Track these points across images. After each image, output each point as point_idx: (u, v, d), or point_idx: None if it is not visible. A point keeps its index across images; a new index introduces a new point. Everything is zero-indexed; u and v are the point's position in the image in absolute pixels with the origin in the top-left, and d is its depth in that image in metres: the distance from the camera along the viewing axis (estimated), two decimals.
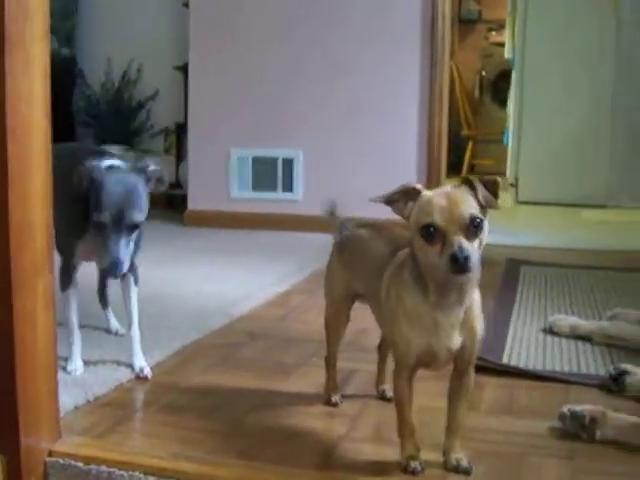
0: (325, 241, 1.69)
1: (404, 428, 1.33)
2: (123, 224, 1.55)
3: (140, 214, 1.56)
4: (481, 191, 1.18)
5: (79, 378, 1.73)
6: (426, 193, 1.22)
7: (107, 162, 1.63)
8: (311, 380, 1.79)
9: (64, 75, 5.13)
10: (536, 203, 5.90)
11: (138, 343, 1.80)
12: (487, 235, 1.19)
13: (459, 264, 1.12)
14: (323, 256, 1.63)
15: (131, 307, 1.82)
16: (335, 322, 1.62)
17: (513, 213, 5.67)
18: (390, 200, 1.24)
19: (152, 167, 1.60)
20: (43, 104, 1.35)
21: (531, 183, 6.02)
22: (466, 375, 1.32)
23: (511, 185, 6.39)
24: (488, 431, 1.52)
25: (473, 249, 1.14)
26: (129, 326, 1.82)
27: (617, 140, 5.79)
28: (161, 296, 2.46)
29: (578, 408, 1.50)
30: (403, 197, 1.24)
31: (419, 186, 1.24)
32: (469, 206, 1.16)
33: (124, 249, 1.55)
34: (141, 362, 1.78)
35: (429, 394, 1.60)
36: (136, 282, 1.82)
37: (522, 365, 1.91)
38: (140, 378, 1.74)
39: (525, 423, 1.56)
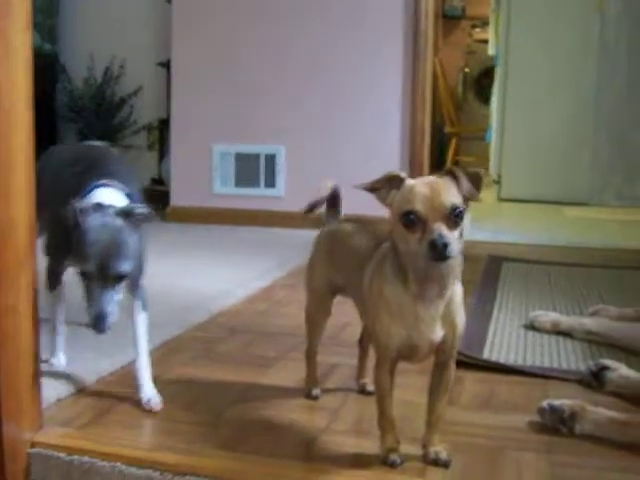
0: (307, 237, 1.69)
1: (384, 421, 1.34)
2: (108, 275, 1.41)
3: (126, 264, 1.43)
4: (464, 182, 1.19)
5: (62, 371, 1.73)
6: (409, 181, 1.23)
7: (96, 198, 1.49)
8: (291, 373, 1.80)
9: (46, 71, 5.10)
10: (519, 200, 5.93)
11: (147, 373, 1.62)
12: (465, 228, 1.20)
13: (438, 250, 1.13)
14: (305, 252, 1.63)
15: (138, 335, 1.63)
16: (316, 315, 1.62)
17: (496, 210, 5.70)
18: (373, 187, 1.25)
19: (139, 210, 1.47)
20: (25, 98, 1.34)
21: (514, 180, 6.05)
22: (446, 369, 1.33)
23: (494, 182, 6.42)
24: (467, 425, 1.52)
25: (453, 237, 1.15)
26: (138, 354, 1.63)
27: (600, 138, 5.82)
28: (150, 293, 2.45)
29: (557, 402, 1.52)
30: (387, 184, 1.24)
31: (403, 174, 1.24)
32: (451, 195, 1.17)
33: (109, 302, 1.41)
34: (149, 392, 1.59)
35: (411, 388, 1.61)
36: (144, 307, 1.65)
37: (502, 360, 1.92)
38: (149, 410, 1.57)
39: (504, 417, 1.57)
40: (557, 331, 2.20)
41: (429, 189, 1.18)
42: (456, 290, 1.26)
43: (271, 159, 4.35)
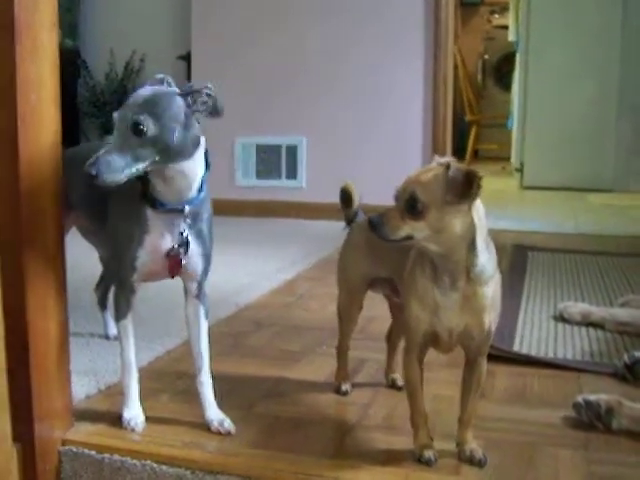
0: (329, 228, 1.67)
1: (417, 416, 1.32)
2: (125, 123, 1.24)
3: (147, 119, 1.22)
4: (451, 178, 1.16)
5: (90, 368, 1.71)
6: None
7: None
8: (319, 368, 1.78)
9: (68, 66, 5.10)
10: (542, 188, 5.87)
11: (210, 391, 1.48)
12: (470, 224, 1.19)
13: (370, 225, 1.20)
14: (327, 243, 1.62)
15: (201, 346, 1.47)
16: (349, 311, 1.60)
17: (518, 198, 5.65)
18: None
19: (196, 87, 1.30)
20: (52, 94, 1.35)
21: (536, 168, 5.99)
22: (476, 366, 1.32)
23: (516, 170, 6.36)
24: (501, 420, 1.50)
25: (392, 221, 1.18)
26: (198, 370, 1.48)
27: (623, 123, 5.75)
28: (168, 287, 2.45)
29: (593, 397, 1.49)
30: None
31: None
32: (420, 186, 1.17)
33: (115, 151, 1.23)
34: (218, 414, 1.45)
35: (441, 382, 1.60)
36: (207, 314, 1.49)
37: (534, 353, 1.90)
38: (221, 434, 1.43)
39: (538, 412, 1.54)
40: (587, 322, 2.16)
41: (410, 175, 1.21)
42: (485, 289, 1.24)
43: (292, 150, 4.33)
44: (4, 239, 1.28)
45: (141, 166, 1.25)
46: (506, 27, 7.76)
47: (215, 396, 1.48)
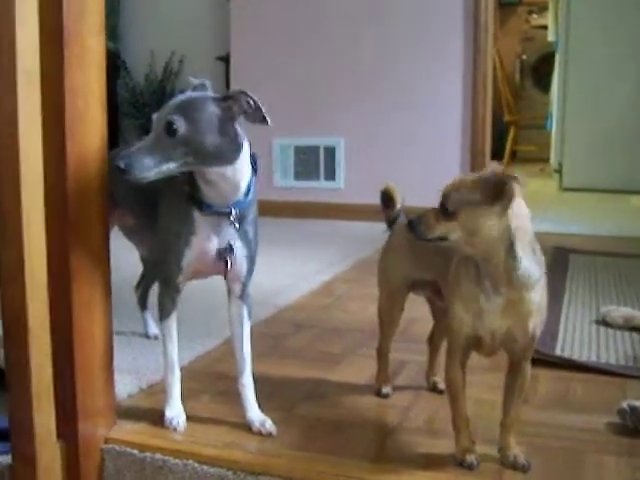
0: (367, 229, 1.66)
1: (459, 420, 1.31)
2: (160, 123, 1.27)
3: (180, 119, 1.25)
4: (483, 181, 1.18)
5: (132, 367, 1.73)
6: None
7: None
8: (359, 370, 1.78)
9: (108, 69, 5.14)
10: (581, 189, 5.80)
11: (252, 393, 1.48)
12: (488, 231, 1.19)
13: (408, 224, 1.25)
14: (366, 245, 1.62)
15: (244, 349, 1.48)
16: (390, 313, 1.60)
17: (558, 200, 5.58)
18: None
19: (233, 93, 1.30)
20: (99, 99, 1.37)
21: (576, 169, 5.92)
22: (520, 370, 1.31)
23: (555, 171, 6.29)
24: (544, 425, 1.48)
25: (430, 222, 1.21)
26: (240, 371, 1.48)
27: None
28: (209, 287, 2.46)
29: (638, 403, 1.46)
30: None
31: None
32: (454, 190, 1.19)
33: (147, 149, 1.25)
34: (259, 415, 1.46)
35: (483, 386, 1.58)
36: (250, 315, 1.49)
37: (576, 357, 1.87)
38: (262, 435, 1.43)
39: (582, 418, 1.52)
40: (630, 327, 2.13)
41: (454, 178, 1.23)
42: (532, 294, 1.23)
43: (331, 152, 4.33)
44: (52, 240, 1.30)
45: (172, 166, 1.27)
46: (544, 27, 7.68)
47: (256, 397, 1.48)
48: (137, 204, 1.57)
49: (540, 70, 8.39)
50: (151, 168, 1.25)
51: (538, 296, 1.24)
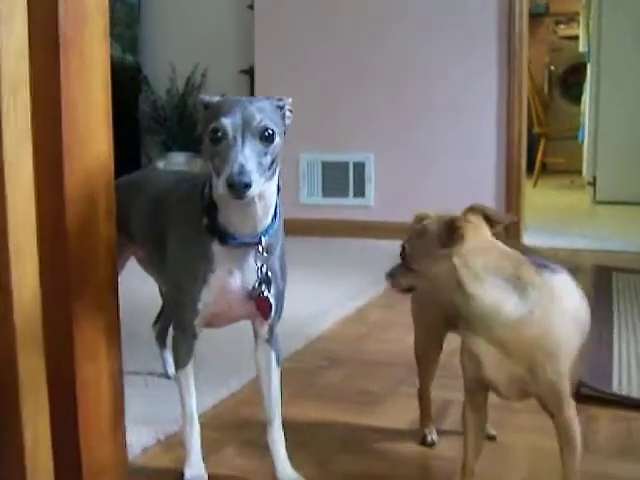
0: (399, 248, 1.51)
1: (462, 467, 1.21)
2: (252, 127, 1.10)
3: (271, 124, 1.11)
4: (429, 229, 1.14)
5: (148, 415, 1.55)
6: None
7: None
8: (400, 412, 1.64)
9: (129, 82, 5.08)
10: (615, 202, 5.62)
11: (282, 446, 1.32)
12: None
13: (385, 277, 1.20)
14: None
15: (272, 397, 1.32)
16: (428, 353, 1.46)
17: (592, 214, 5.41)
18: None
19: (283, 98, 1.24)
20: (103, 113, 1.20)
21: (610, 181, 5.76)
22: (560, 422, 1.14)
23: (588, 184, 6.12)
24: (609, 478, 1.33)
25: (401, 273, 1.17)
26: (270, 422, 1.32)
27: None
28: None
29: None
30: None
31: None
32: (407, 240, 1.17)
33: (253, 158, 1.07)
34: (291, 474, 1.30)
35: (541, 430, 1.41)
36: (279, 361, 1.33)
37: (635, 393, 1.72)
38: None
39: None
40: None
41: None
42: (516, 334, 1.08)
43: (360, 167, 4.19)
44: (47, 277, 1.13)
45: (264, 179, 1.11)
46: (572, 38, 7.55)
47: (287, 448, 1.33)
48: (150, 237, 1.40)
49: (568, 80, 8.25)
50: (261, 183, 1.09)
51: (531, 336, 1.08)
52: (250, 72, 4.70)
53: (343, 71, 4.19)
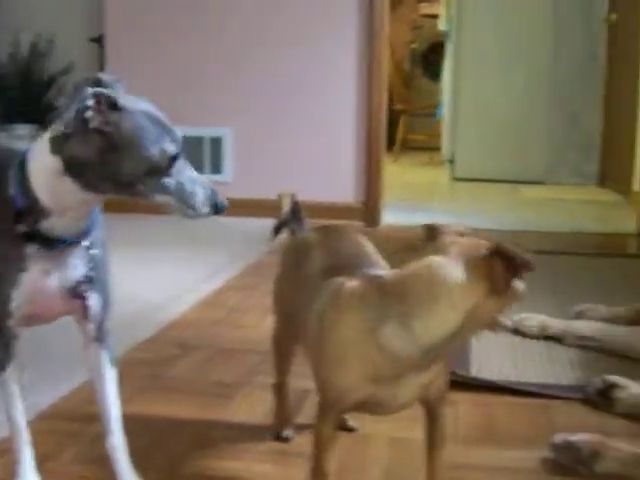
0: (258, 227, 1.41)
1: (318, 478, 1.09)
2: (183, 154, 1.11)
3: None
4: None
5: None
6: None
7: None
8: (256, 405, 1.55)
9: None
10: (473, 179, 5.75)
11: (124, 455, 1.18)
12: None
13: None
14: (258, 244, 1.36)
15: (107, 402, 1.18)
16: (285, 342, 1.36)
17: (450, 190, 5.51)
18: None
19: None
20: None
21: (468, 159, 5.88)
22: (438, 415, 1.10)
23: (448, 161, 6.23)
24: (471, 468, 1.29)
25: None
26: (107, 431, 1.18)
27: (554, 115, 5.70)
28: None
29: (574, 438, 1.31)
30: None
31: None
32: None
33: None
34: None
35: (400, 421, 1.36)
36: (113, 362, 1.19)
37: (495, 376, 1.70)
38: None
39: (511, 454, 1.36)
40: (545, 336, 1.99)
41: None
42: None
43: (216, 142, 4.02)
44: None
45: None
46: (434, 16, 7.62)
47: (131, 452, 1.19)
48: None
49: (429, 59, 8.36)
50: None
51: None
52: (99, 40, 4.43)
53: (197, 41, 4.00)
